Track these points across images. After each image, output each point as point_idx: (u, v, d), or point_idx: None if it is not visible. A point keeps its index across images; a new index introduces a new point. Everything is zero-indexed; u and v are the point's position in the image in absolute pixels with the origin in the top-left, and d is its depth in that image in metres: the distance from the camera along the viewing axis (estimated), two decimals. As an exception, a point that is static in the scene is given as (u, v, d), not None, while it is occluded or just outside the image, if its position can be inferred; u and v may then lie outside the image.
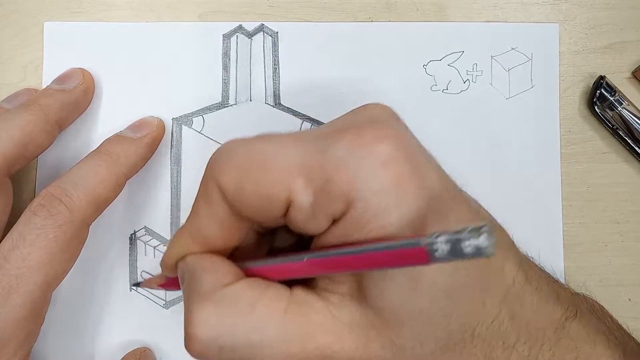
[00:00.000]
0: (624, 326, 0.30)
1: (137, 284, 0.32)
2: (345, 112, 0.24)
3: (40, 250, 0.27)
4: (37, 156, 0.31)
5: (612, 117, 0.33)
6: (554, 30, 0.34)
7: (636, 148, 0.33)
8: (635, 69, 0.34)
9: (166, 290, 0.31)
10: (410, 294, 0.21)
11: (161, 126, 0.33)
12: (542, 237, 0.33)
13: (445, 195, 0.22)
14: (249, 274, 0.23)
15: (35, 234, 0.27)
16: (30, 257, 0.27)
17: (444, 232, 0.18)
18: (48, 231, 0.27)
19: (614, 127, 0.33)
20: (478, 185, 0.33)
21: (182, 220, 0.33)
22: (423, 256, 0.18)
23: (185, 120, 0.33)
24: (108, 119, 0.33)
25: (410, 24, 0.34)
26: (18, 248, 0.27)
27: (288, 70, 0.34)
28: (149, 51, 0.34)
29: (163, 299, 0.33)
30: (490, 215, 0.26)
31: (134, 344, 0.32)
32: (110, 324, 0.32)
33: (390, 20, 0.34)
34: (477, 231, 0.17)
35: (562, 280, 0.33)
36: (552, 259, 0.33)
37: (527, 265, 0.26)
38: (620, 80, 0.34)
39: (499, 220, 0.33)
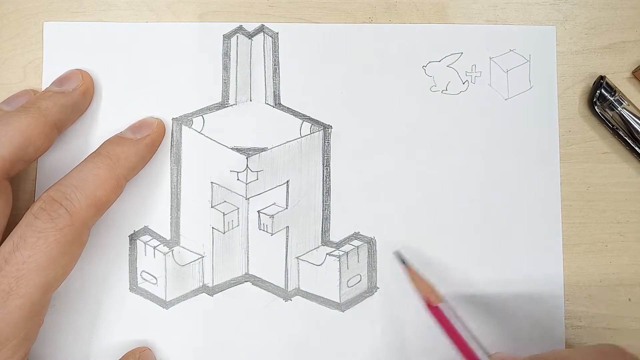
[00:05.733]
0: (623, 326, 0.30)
1: None
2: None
3: (40, 253, 0.27)
4: (36, 159, 0.31)
5: (612, 117, 0.33)
6: (552, 32, 0.34)
7: (636, 148, 0.33)
8: (635, 69, 0.34)
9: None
10: None
11: (161, 127, 0.33)
12: (541, 238, 0.33)
13: None
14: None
15: (36, 237, 0.27)
16: (30, 260, 0.27)
17: None
18: (49, 234, 0.27)
19: (614, 127, 0.33)
20: (477, 186, 0.34)
21: (182, 220, 0.33)
22: None
23: (185, 120, 0.33)
24: (108, 120, 0.33)
25: (410, 25, 0.34)
26: (19, 250, 0.27)
27: (288, 71, 0.34)
28: (149, 51, 0.34)
29: (163, 299, 0.33)
30: None
31: (133, 344, 0.32)
32: (110, 323, 0.32)
33: (390, 21, 0.34)
34: None
35: (561, 281, 0.33)
36: (552, 259, 0.33)
37: None
38: (620, 80, 0.34)
39: (499, 221, 0.33)
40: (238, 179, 0.33)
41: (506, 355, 0.28)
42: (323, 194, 0.33)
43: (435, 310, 0.29)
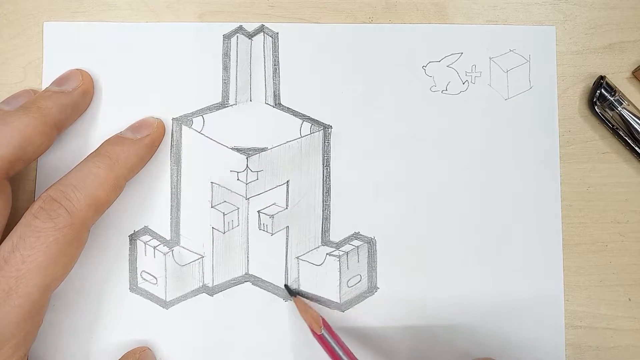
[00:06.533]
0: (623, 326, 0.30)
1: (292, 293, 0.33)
2: None
3: (40, 253, 0.27)
4: (36, 159, 0.31)
5: (612, 117, 0.33)
6: (551, 33, 0.34)
7: (636, 148, 0.33)
8: (635, 69, 0.34)
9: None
10: None
11: (161, 127, 0.33)
12: (541, 238, 0.33)
13: None
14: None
15: (36, 237, 0.27)
16: (30, 260, 0.27)
17: None
18: (48, 234, 0.27)
19: (614, 127, 0.33)
20: (477, 186, 0.34)
21: (182, 220, 0.33)
22: None
23: (185, 120, 0.33)
24: (108, 120, 0.33)
25: (410, 25, 0.34)
26: (18, 250, 0.27)
27: (288, 71, 0.34)
28: (149, 51, 0.34)
29: (163, 299, 0.33)
30: None
31: (133, 344, 0.32)
32: (110, 323, 0.32)
33: (390, 21, 0.34)
34: None
35: (561, 281, 0.33)
36: (552, 259, 0.33)
37: None
38: (620, 80, 0.34)
39: (499, 221, 0.33)
40: (238, 179, 0.33)
41: None
42: (323, 194, 0.33)
43: (319, 338, 0.31)
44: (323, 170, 0.33)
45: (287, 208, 0.33)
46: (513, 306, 0.33)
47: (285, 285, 0.33)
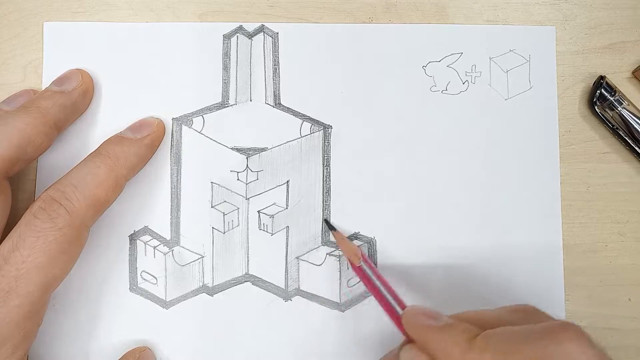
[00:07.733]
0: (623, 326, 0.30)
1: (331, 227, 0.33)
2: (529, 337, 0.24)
3: (39, 253, 0.27)
4: (36, 158, 0.31)
5: (612, 117, 0.33)
6: (551, 33, 0.34)
7: (636, 148, 0.33)
8: (635, 69, 0.34)
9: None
10: None
11: (161, 127, 0.33)
12: (541, 238, 0.33)
13: None
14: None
15: (35, 237, 0.27)
16: (29, 259, 0.27)
17: None
18: (48, 234, 0.27)
19: (614, 127, 0.33)
20: (477, 186, 0.34)
21: (182, 220, 0.33)
22: None
23: (185, 120, 0.33)
24: (108, 120, 0.33)
25: (410, 25, 0.34)
26: (18, 250, 0.27)
27: (288, 71, 0.34)
28: (149, 51, 0.34)
29: (163, 299, 0.33)
30: None
31: (133, 344, 0.32)
32: (109, 323, 0.32)
33: (390, 21, 0.34)
34: None
35: (561, 281, 0.33)
36: (552, 259, 0.33)
37: None
38: (620, 80, 0.34)
39: (499, 221, 0.33)
40: (238, 179, 0.33)
41: (419, 308, 0.28)
42: (323, 194, 0.33)
43: (357, 269, 0.31)
44: (323, 170, 0.33)
45: (287, 208, 0.33)
46: (513, 306, 0.33)
47: (325, 220, 0.33)
